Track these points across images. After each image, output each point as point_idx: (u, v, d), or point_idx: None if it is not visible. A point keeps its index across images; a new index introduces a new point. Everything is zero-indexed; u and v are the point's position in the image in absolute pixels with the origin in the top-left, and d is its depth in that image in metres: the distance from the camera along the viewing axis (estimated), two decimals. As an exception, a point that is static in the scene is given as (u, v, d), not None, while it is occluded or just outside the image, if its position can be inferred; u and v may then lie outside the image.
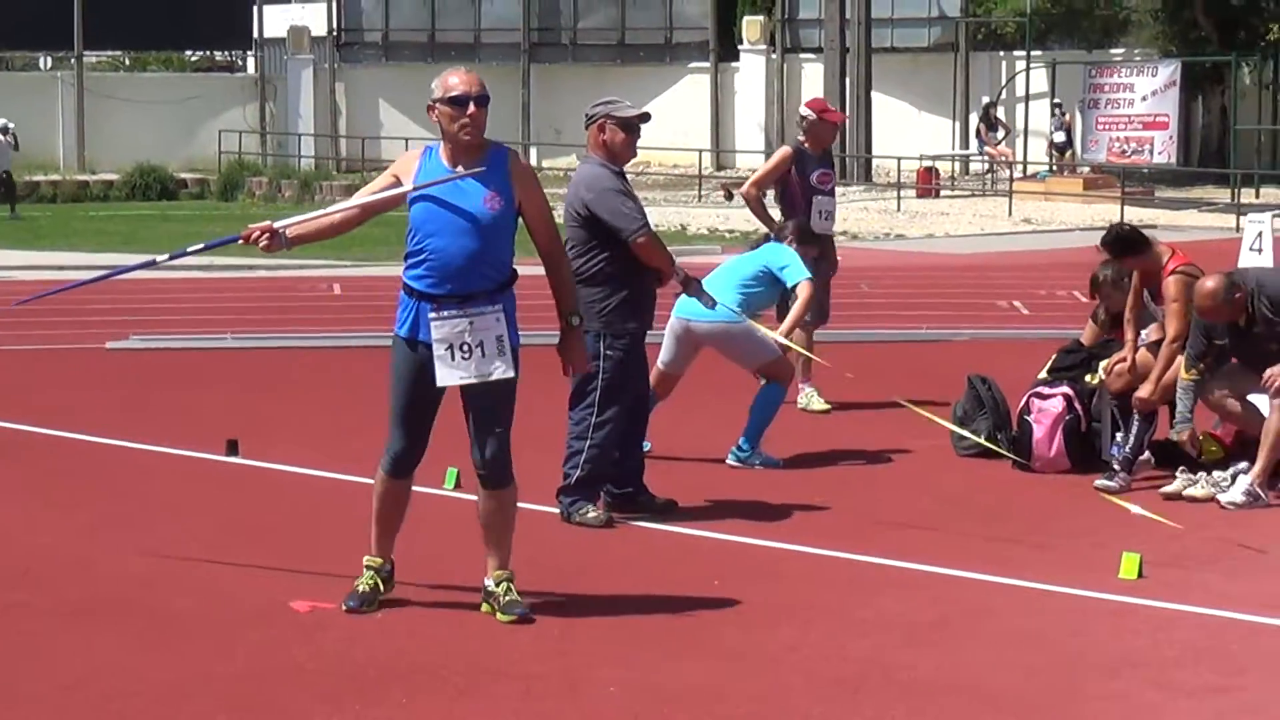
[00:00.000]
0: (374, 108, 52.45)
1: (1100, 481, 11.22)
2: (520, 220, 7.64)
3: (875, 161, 47.75)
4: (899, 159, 44.35)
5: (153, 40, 53.84)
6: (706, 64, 54.15)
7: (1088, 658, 7.49)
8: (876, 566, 8.99)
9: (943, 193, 42.03)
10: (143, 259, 13.45)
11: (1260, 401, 10.91)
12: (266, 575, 8.68)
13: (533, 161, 46.70)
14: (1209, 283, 10.83)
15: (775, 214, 14.77)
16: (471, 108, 7.32)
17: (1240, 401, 11.14)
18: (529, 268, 7.69)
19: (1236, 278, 10.98)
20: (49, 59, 52.85)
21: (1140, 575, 8.89)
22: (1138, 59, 48.70)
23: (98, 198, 41.74)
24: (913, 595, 8.68)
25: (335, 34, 53.32)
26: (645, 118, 10.41)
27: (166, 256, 10.87)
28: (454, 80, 7.43)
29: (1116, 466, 11.39)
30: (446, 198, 7.31)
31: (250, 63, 53.73)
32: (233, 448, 12.15)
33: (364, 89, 53.15)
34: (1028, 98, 49.27)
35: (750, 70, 54.30)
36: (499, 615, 7.53)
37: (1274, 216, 26.74)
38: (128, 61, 57.24)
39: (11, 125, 39.46)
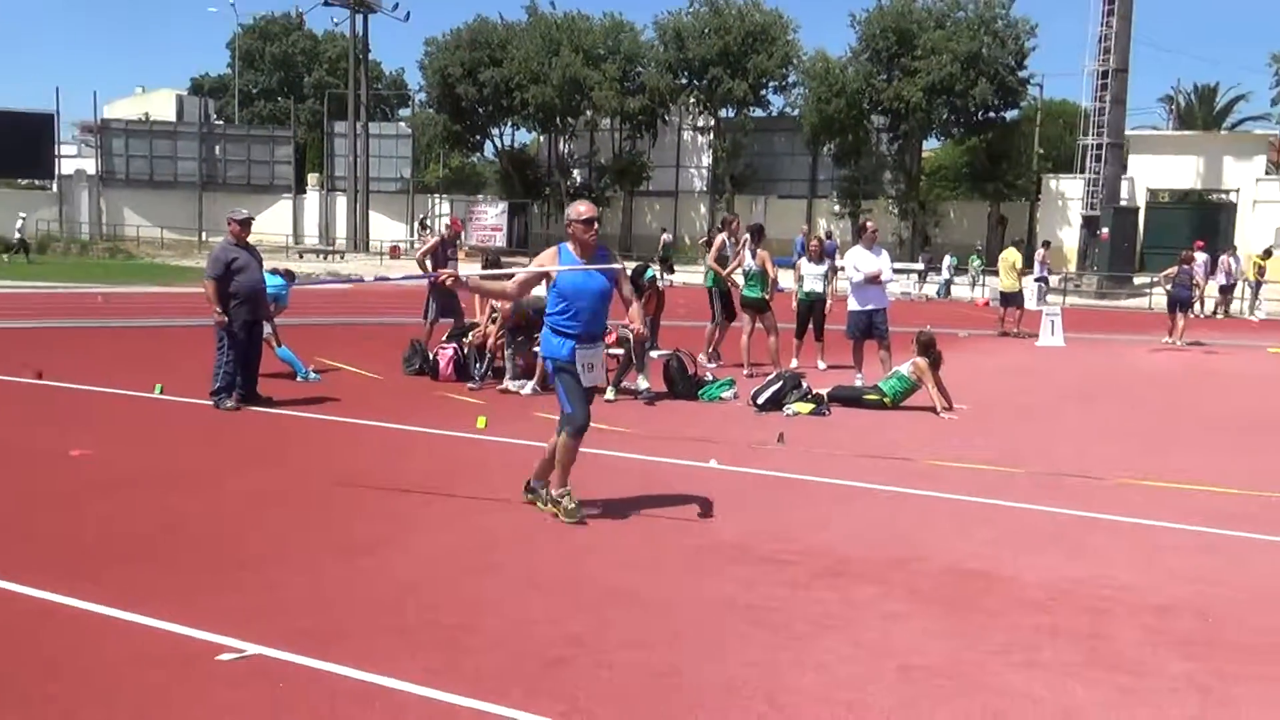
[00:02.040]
0: (121, 211, 49.69)
1: (470, 385, 11.12)
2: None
3: (372, 243, 47.41)
4: (381, 241, 45.61)
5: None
6: (290, 195, 51.69)
7: (474, 463, 7.63)
8: (387, 430, 8.49)
9: (401, 258, 42.12)
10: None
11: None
12: (58, 440, 7.84)
13: (204, 239, 46.28)
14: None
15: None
16: (595, 225, 6.31)
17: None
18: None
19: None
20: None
21: (485, 426, 8.86)
22: (490, 200, 49.93)
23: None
24: (406, 443, 8.53)
25: (100, 171, 50.34)
26: (250, 219, 9.97)
27: (374, 278, 9.85)
28: (583, 208, 6.36)
29: (477, 379, 11.26)
30: (586, 280, 6.19)
31: (54, 184, 49.76)
32: (39, 375, 10.94)
33: (115, 200, 50.02)
34: (439, 216, 49.68)
35: (312, 199, 52.49)
36: (543, 506, 6.38)
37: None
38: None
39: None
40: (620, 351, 10.97)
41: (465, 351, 11.81)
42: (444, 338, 12.35)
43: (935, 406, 10.37)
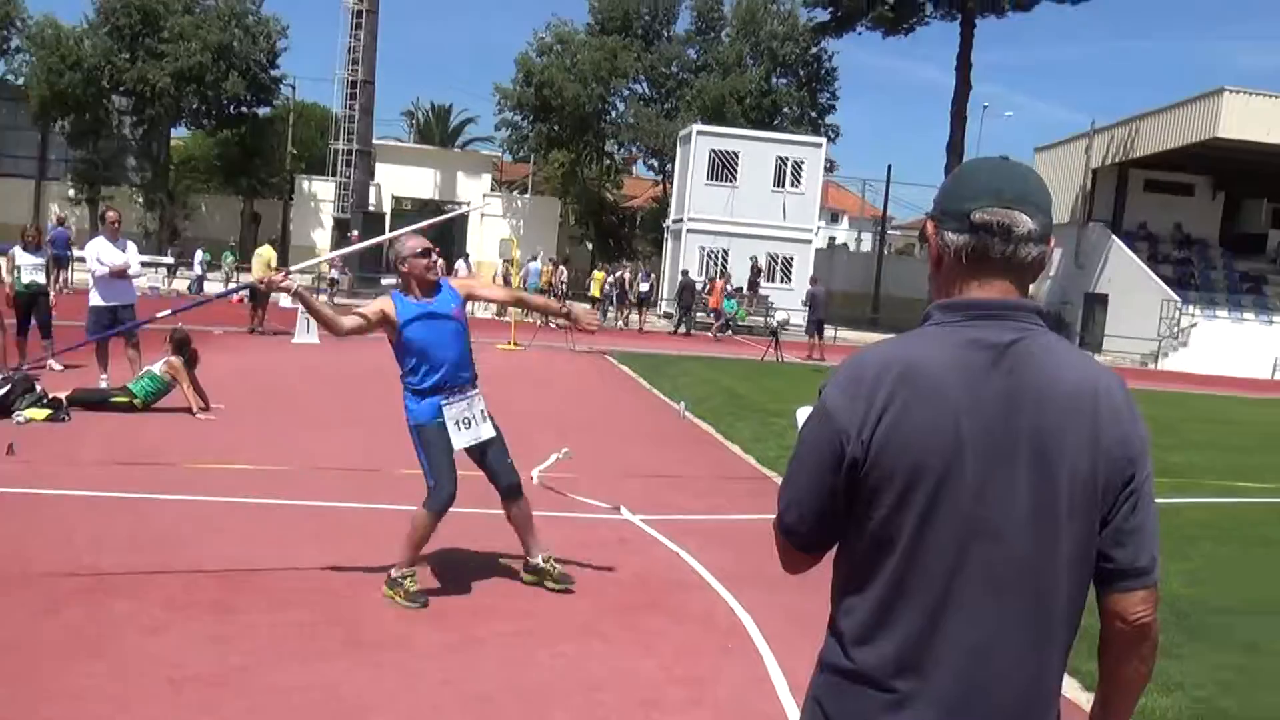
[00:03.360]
0: None
1: None
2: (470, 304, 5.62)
3: None
4: None
5: None
6: None
7: None
8: None
9: None
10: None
11: None
12: None
13: None
14: None
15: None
16: (434, 255, 5.32)
17: None
18: None
19: None
20: None
21: None
22: None
23: None
24: None
25: None
26: None
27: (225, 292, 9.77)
28: (414, 243, 5.29)
29: None
30: (432, 327, 5.23)
31: None
32: None
33: None
34: None
35: None
36: (549, 584, 5.57)
37: None
38: None
39: None
40: None
41: None
42: None
43: (191, 407, 10.08)
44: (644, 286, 31.37)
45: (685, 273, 32.03)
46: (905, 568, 1.70)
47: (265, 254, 20.12)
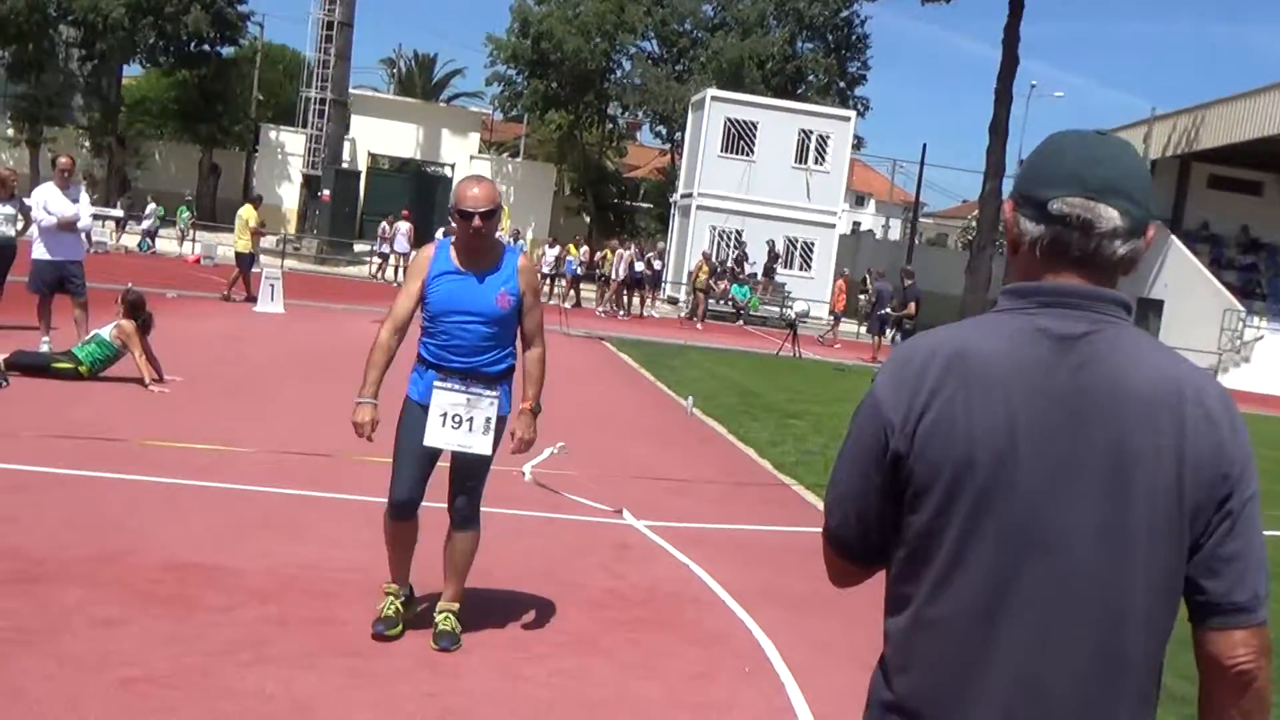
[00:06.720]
0: None
1: None
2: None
3: None
4: None
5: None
6: None
7: None
8: None
9: None
10: None
11: None
12: None
13: None
14: None
15: None
16: (477, 220, 4.66)
17: None
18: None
19: None
20: None
21: None
22: None
23: None
24: None
25: None
26: None
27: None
28: (467, 193, 4.71)
29: None
30: (466, 291, 4.74)
31: None
32: None
33: None
34: None
35: None
36: (433, 643, 4.82)
37: None
38: None
39: None
40: None
41: None
42: None
43: (143, 378, 10.04)
44: (657, 265, 31.48)
45: (706, 255, 32.10)
46: (944, 585, 1.66)
47: (246, 214, 20.09)
